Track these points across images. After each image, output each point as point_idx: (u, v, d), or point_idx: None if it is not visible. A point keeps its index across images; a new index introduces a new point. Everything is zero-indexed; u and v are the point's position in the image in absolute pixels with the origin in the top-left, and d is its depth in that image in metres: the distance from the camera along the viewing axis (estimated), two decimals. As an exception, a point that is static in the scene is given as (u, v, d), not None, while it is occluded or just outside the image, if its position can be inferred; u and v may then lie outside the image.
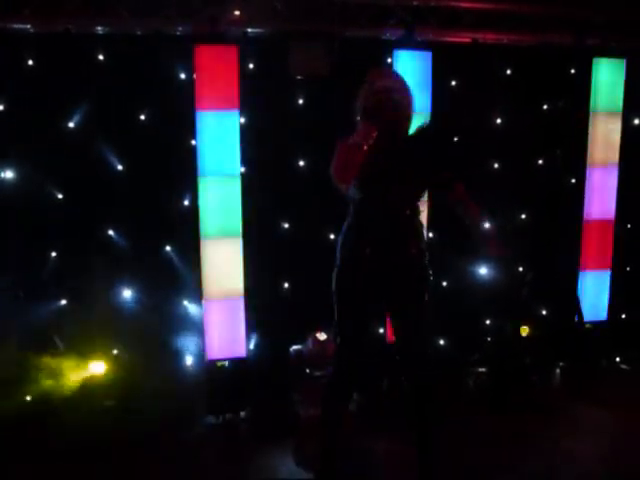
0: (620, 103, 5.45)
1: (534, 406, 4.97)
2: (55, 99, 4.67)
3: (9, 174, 4.70)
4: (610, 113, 5.45)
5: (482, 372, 5.26)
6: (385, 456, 4.28)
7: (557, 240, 5.69)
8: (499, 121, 5.53)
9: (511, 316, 5.48)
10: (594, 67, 5.39)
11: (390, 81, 3.43)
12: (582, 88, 5.46)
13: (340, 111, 3.54)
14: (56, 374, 4.78)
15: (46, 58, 4.64)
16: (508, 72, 5.51)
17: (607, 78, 5.39)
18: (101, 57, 4.74)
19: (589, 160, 5.53)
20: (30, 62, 4.63)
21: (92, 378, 4.76)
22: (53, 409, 4.62)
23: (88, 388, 4.75)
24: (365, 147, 3.24)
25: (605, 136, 5.47)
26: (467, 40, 5.04)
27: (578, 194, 5.62)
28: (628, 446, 4.42)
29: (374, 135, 3.25)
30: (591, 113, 5.47)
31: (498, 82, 5.42)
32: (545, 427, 4.63)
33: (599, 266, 5.64)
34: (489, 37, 5.12)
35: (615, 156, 5.51)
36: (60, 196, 4.82)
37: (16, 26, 4.49)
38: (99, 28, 4.64)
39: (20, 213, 4.73)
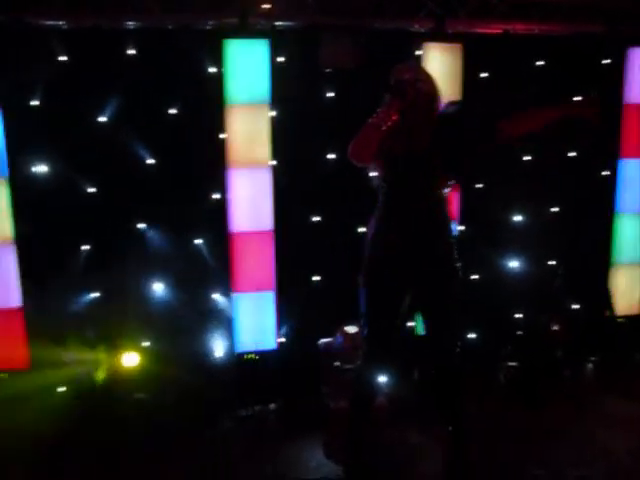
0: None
1: (566, 400, 4.93)
2: (86, 94, 4.71)
3: (42, 168, 4.75)
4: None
5: (513, 366, 5.21)
6: (414, 449, 4.27)
7: (589, 233, 5.62)
8: (530, 113, 5.46)
9: (542, 310, 5.43)
10: (628, 57, 5.31)
11: (415, 73, 3.44)
12: (615, 78, 5.38)
13: (370, 104, 3.52)
14: (89, 366, 4.83)
15: (77, 53, 4.67)
16: (539, 63, 5.44)
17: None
18: (131, 52, 4.77)
19: (622, 152, 5.46)
20: (62, 57, 4.67)
21: (124, 370, 4.81)
22: (85, 400, 4.68)
23: (119, 380, 4.80)
24: (384, 128, 3.27)
25: (638, 128, 5.38)
26: (498, 31, 4.99)
27: (611, 187, 5.55)
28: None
29: (394, 118, 3.29)
30: (624, 104, 5.39)
31: (529, 73, 5.35)
32: (577, 421, 4.59)
33: (632, 260, 5.56)
34: (520, 28, 5.06)
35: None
36: (91, 190, 4.86)
37: (48, 22, 4.53)
38: (130, 23, 4.66)
39: (53, 207, 4.77)
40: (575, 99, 3.64)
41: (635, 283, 5.61)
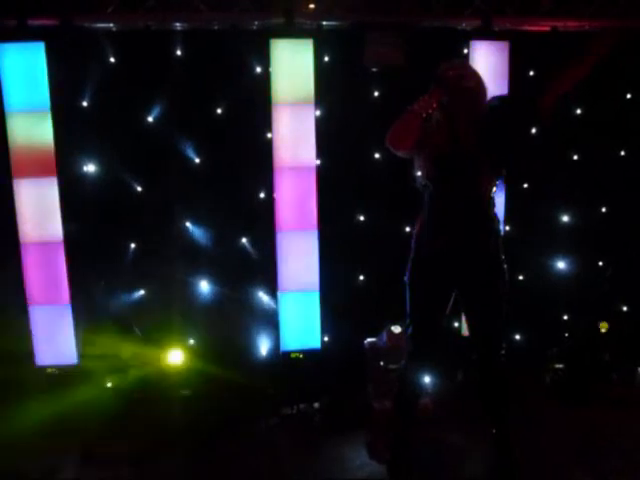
0: None
1: (614, 403, 4.84)
2: (135, 94, 4.79)
3: (92, 167, 4.84)
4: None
5: (560, 368, 5.14)
6: (458, 450, 4.24)
7: (638, 234, 5.51)
8: (579, 111, 5.38)
9: (590, 311, 5.35)
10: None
11: (461, 70, 3.42)
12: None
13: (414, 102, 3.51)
14: (135, 363, 4.90)
15: (127, 54, 4.76)
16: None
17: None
18: (179, 52, 4.83)
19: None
20: (112, 59, 4.76)
21: (170, 367, 4.86)
22: (132, 396, 4.76)
23: (165, 377, 4.86)
24: (424, 115, 3.30)
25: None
26: (546, 28, 4.91)
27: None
28: None
29: (435, 106, 3.32)
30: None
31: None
32: (625, 426, 4.50)
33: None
34: (570, 24, 4.98)
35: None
36: (140, 188, 4.93)
37: (99, 25, 4.61)
38: (177, 24, 4.71)
39: (102, 205, 4.87)
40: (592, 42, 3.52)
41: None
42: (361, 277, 5.24)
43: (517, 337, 5.38)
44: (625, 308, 5.60)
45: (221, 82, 4.87)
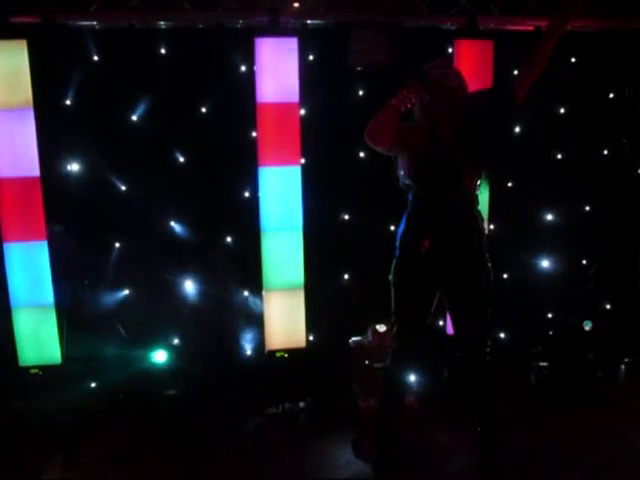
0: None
1: (597, 401, 4.87)
2: (119, 93, 4.76)
3: (75, 167, 4.81)
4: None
5: (544, 366, 5.17)
6: (443, 448, 4.25)
7: (622, 232, 5.54)
8: (563, 110, 5.41)
9: (574, 310, 5.37)
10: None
11: (443, 70, 3.43)
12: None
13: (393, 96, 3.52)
14: (119, 362, 4.88)
15: (111, 53, 4.72)
16: (573, 60, 5.38)
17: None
18: (163, 51, 4.81)
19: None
20: (96, 57, 4.73)
21: (154, 367, 4.85)
22: (117, 397, 4.74)
23: (150, 377, 4.84)
24: (402, 109, 3.33)
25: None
26: (530, 28, 4.93)
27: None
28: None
29: (414, 101, 3.36)
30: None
31: (562, 70, 5.29)
32: (610, 423, 4.54)
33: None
34: (553, 24, 5.00)
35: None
36: (124, 187, 4.91)
37: (82, 23, 4.58)
38: (161, 23, 4.69)
39: (85, 204, 4.84)
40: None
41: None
42: (346, 276, 5.24)
43: (502, 335, 5.40)
44: (609, 306, 5.64)
45: (205, 81, 4.85)
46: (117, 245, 4.97)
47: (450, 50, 4.89)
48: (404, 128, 3.44)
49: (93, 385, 4.82)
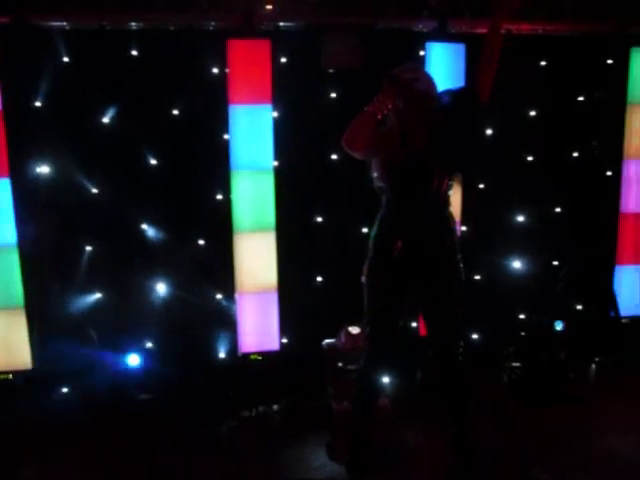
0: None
1: (569, 401, 4.92)
2: (90, 94, 4.72)
3: (45, 169, 4.76)
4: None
5: (516, 366, 5.21)
6: (417, 450, 4.26)
7: (593, 233, 5.61)
8: (534, 113, 5.46)
9: (546, 311, 5.42)
10: (632, 57, 5.30)
11: (414, 73, 3.44)
12: (619, 79, 5.37)
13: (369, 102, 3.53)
14: (91, 366, 4.83)
15: (82, 54, 4.68)
16: (543, 63, 5.43)
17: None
18: (135, 52, 4.78)
19: (626, 152, 5.45)
20: (66, 58, 4.68)
21: (127, 371, 4.81)
22: (89, 401, 4.69)
23: (123, 381, 4.80)
24: (379, 116, 3.34)
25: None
26: (501, 31, 4.97)
27: (614, 187, 5.54)
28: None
29: (390, 106, 3.36)
30: (628, 104, 5.38)
31: (533, 73, 5.34)
32: (581, 423, 4.58)
33: (636, 260, 5.54)
34: (524, 28, 5.05)
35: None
36: (95, 190, 4.87)
37: (53, 23, 4.54)
38: (133, 24, 4.66)
39: (56, 207, 4.79)
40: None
41: (639, 283, 5.59)
42: (319, 278, 5.24)
43: (475, 336, 5.44)
44: (579, 307, 5.70)
45: (178, 83, 4.82)
46: (88, 248, 4.92)
47: (422, 52, 4.92)
48: (378, 133, 3.45)
49: (65, 390, 4.78)
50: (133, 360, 4.81)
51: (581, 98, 5.57)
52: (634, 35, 5.27)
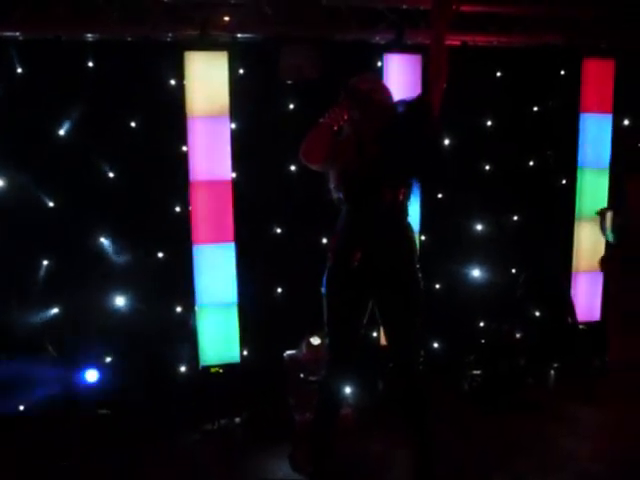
0: (610, 103, 5.46)
1: (529, 407, 4.98)
2: (45, 106, 4.66)
3: (0, 182, 4.68)
4: (600, 113, 5.46)
5: (477, 374, 5.25)
6: (380, 459, 4.27)
7: (549, 241, 5.69)
8: (490, 123, 5.54)
9: (505, 318, 5.49)
10: (583, 67, 5.41)
11: (371, 84, 3.46)
12: (572, 89, 5.48)
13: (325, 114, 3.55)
14: (49, 382, 4.75)
15: (36, 65, 4.63)
16: (498, 74, 5.52)
17: (596, 78, 5.41)
18: (91, 64, 4.74)
19: (580, 161, 5.55)
20: (20, 69, 4.62)
21: (86, 386, 4.74)
22: (46, 417, 4.61)
23: (82, 396, 4.73)
24: (335, 128, 3.33)
25: (595, 137, 5.48)
26: (457, 43, 5.04)
27: (569, 194, 5.63)
28: (623, 445, 4.42)
29: (346, 117, 3.35)
30: (580, 114, 5.49)
31: (488, 84, 5.43)
32: (540, 428, 4.64)
33: (592, 267, 5.64)
34: (479, 39, 5.13)
35: (606, 157, 5.53)
36: (51, 204, 4.80)
37: (5, 33, 4.48)
38: (89, 35, 4.62)
39: (12, 221, 4.71)
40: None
41: (595, 289, 5.68)
42: (279, 289, 5.23)
43: (435, 345, 5.47)
44: (538, 313, 5.77)
45: (135, 94, 4.79)
46: (45, 262, 4.85)
47: (380, 64, 4.96)
48: (334, 143, 3.45)
49: (22, 407, 4.69)
50: (91, 375, 4.74)
51: (536, 108, 5.67)
52: (585, 46, 5.37)
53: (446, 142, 5.30)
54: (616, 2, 5.11)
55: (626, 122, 5.78)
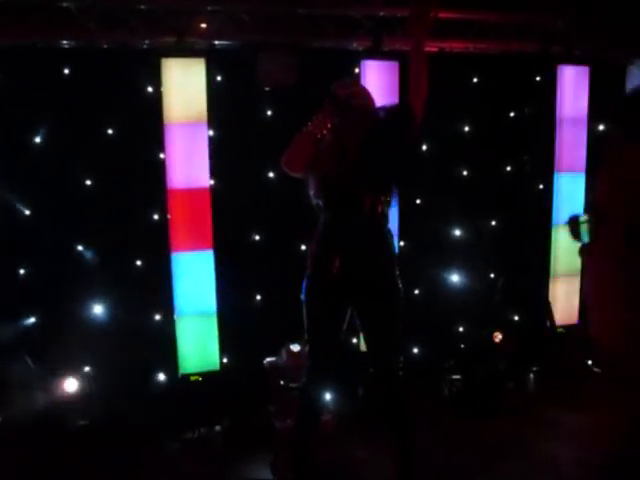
0: (585, 110, 5.52)
1: (509, 411, 4.99)
2: (21, 113, 4.62)
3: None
4: (575, 119, 5.52)
5: (456, 379, 5.27)
6: (361, 465, 4.27)
7: (527, 246, 5.73)
8: (467, 129, 5.57)
9: (484, 322, 5.51)
10: (559, 74, 5.46)
11: (351, 89, 3.46)
12: (547, 95, 5.53)
13: (309, 122, 3.55)
14: (27, 393, 4.70)
15: (11, 72, 4.59)
16: (475, 80, 5.56)
17: (571, 85, 5.46)
18: (67, 71, 4.71)
19: (556, 166, 5.59)
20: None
21: (65, 396, 4.69)
22: (23, 428, 4.56)
23: (60, 407, 4.68)
24: (319, 135, 3.31)
25: (571, 143, 5.53)
26: (434, 49, 5.07)
27: (546, 200, 5.67)
28: (602, 448, 4.44)
29: (329, 126, 3.33)
30: (557, 120, 5.54)
31: (465, 90, 5.47)
32: (520, 432, 4.65)
33: (570, 271, 5.68)
34: (456, 46, 5.16)
35: (582, 163, 5.58)
36: (28, 212, 4.76)
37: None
38: (65, 42, 4.60)
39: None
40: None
41: (573, 293, 5.73)
42: (259, 297, 5.22)
43: (415, 351, 5.48)
44: (516, 317, 5.80)
45: (112, 102, 4.77)
46: (22, 271, 4.80)
47: (357, 70, 4.98)
48: (316, 151, 3.44)
49: (-1, 419, 4.64)
50: (70, 385, 4.69)
51: (512, 114, 5.72)
52: (560, 53, 5.43)
53: (424, 148, 5.32)
54: (588, 11, 5.18)
55: (601, 127, 5.84)
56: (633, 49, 5.56)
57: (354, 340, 5.17)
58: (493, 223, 5.73)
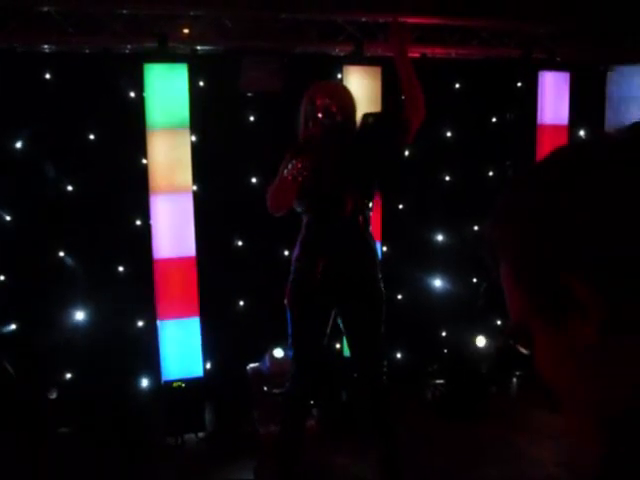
0: (566, 115, 5.56)
1: (492, 415, 5.00)
2: (0, 118, 4.58)
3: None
4: (556, 125, 5.56)
5: (440, 383, 5.27)
6: (345, 469, 4.26)
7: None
8: (449, 134, 5.60)
9: (467, 327, 5.52)
10: (539, 79, 5.50)
11: (330, 97, 3.44)
12: (529, 101, 5.56)
13: (292, 127, 3.55)
14: (8, 401, 4.66)
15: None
16: (457, 86, 5.58)
17: (552, 90, 5.50)
18: (48, 76, 4.68)
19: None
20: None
21: (46, 403, 4.65)
22: (5, 437, 4.51)
23: (42, 414, 4.64)
24: (300, 179, 3.27)
25: (552, 148, 5.55)
26: (416, 55, 5.09)
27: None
28: (586, 452, 4.46)
29: (309, 169, 3.28)
30: (538, 125, 5.57)
31: (447, 95, 5.49)
32: (505, 436, 4.67)
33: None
34: (437, 51, 5.19)
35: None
36: (8, 218, 4.72)
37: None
38: (46, 46, 4.57)
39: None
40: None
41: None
42: (241, 302, 5.20)
43: (398, 355, 5.48)
44: (499, 322, 5.82)
45: (94, 107, 4.74)
46: (2, 278, 4.75)
47: (340, 76, 4.99)
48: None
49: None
50: (51, 392, 4.65)
51: (494, 119, 5.74)
52: (541, 59, 5.47)
53: (406, 152, 5.33)
54: (570, 19, 5.23)
55: (582, 133, 5.88)
56: (613, 56, 5.62)
57: (337, 345, 5.16)
58: (476, 228, 5.75)
